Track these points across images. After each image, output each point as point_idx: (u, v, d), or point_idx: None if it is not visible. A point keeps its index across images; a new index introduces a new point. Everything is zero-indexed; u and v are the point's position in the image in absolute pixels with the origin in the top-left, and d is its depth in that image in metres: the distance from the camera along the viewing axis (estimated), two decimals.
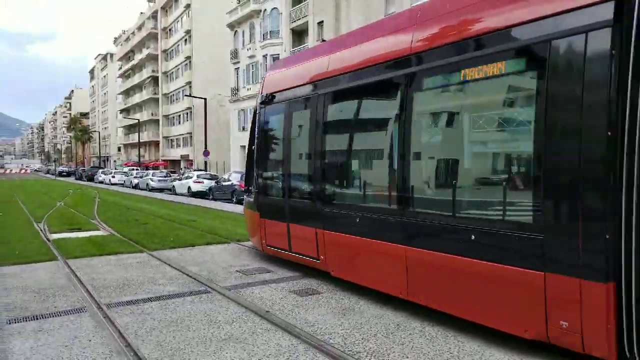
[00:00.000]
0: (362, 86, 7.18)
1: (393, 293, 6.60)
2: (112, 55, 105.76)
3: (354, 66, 7.31)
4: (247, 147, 11.03)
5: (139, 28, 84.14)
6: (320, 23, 34.99)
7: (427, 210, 6.09)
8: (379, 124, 7.26)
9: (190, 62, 63.73)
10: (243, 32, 48.72)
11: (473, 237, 5.34)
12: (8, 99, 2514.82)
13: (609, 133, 4.17)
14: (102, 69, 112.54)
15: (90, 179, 61.99)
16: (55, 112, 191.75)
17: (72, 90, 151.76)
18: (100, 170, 63.81)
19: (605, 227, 4.20)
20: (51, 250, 10.95)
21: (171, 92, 70.93)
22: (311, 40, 35.48)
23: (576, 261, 4.41)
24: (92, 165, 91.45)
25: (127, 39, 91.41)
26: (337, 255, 7.65)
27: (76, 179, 69.98)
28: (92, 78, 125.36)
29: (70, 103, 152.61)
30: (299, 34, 39.27)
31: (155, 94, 75.86)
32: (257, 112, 9.96)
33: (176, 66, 69.54)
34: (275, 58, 37.60)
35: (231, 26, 50.15)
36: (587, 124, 4.34)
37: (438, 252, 5.78)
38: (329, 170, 7.98)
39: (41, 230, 14.44)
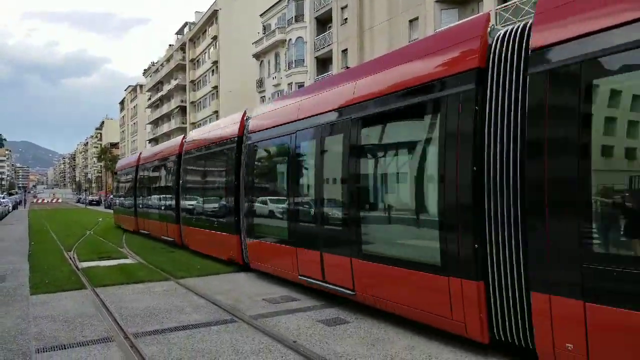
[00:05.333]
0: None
1: None
2: (141, 86, 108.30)
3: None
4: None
5: (168, 60, 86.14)
6: (345, 51, 35.31)
7: None
8: None
9: (217, 91, 64.82)
10: (269, 61, 49.44)
11: None
12: (42, 130, 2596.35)
13: None
14: (132, 100, 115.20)
15: None
16: (87, 143, 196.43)
17: (103, 121, 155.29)
18: None
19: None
20: (80, 279, 11.04)
21: (199, 121, 71.85)
22: (335, 68, 35.78)
23: None
24: None
25: (156, 71, 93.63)
26: None
27: (105, 207, 71.01)
28: (122, 109, 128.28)
29: (100, 133, 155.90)
30: (323, 62, 39.64)
31: (183, 123, 77.01)
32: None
33: (204, 96, 70.72)
34: (300, 85, 37.94)
35: (257, 56, 50.98)
36: None
37: None
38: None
39: (71, 258, 14.61)
